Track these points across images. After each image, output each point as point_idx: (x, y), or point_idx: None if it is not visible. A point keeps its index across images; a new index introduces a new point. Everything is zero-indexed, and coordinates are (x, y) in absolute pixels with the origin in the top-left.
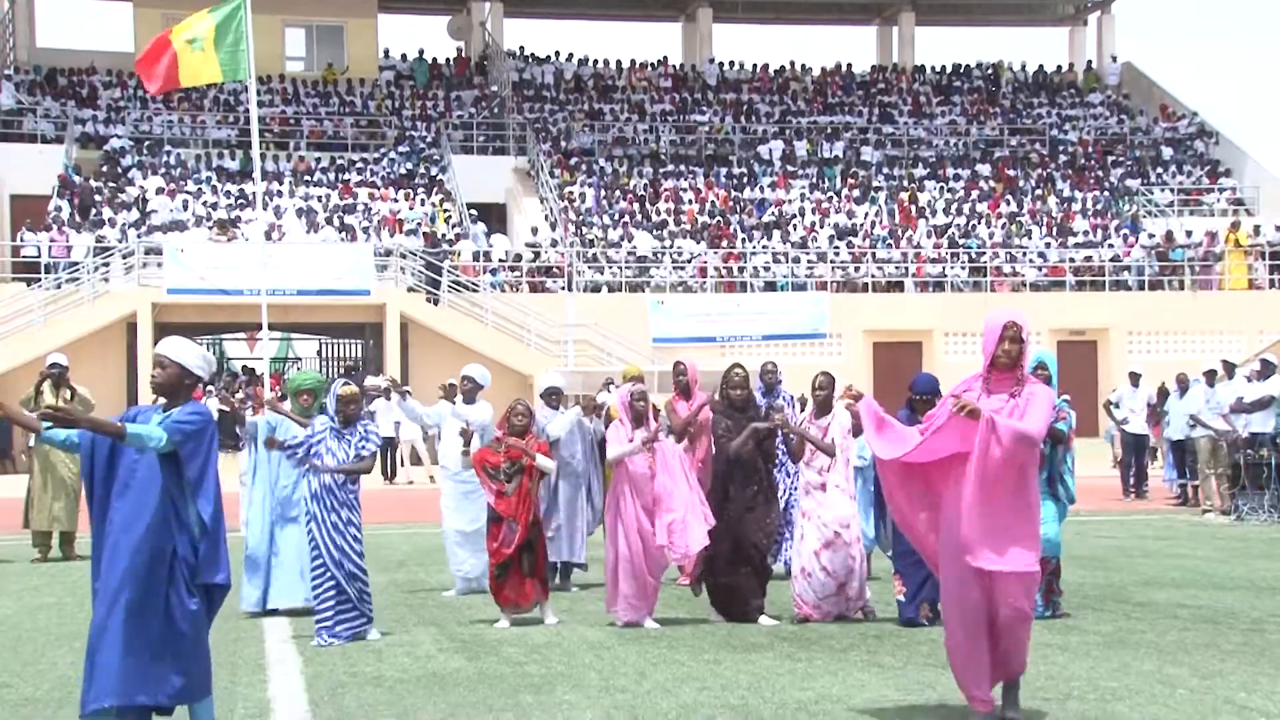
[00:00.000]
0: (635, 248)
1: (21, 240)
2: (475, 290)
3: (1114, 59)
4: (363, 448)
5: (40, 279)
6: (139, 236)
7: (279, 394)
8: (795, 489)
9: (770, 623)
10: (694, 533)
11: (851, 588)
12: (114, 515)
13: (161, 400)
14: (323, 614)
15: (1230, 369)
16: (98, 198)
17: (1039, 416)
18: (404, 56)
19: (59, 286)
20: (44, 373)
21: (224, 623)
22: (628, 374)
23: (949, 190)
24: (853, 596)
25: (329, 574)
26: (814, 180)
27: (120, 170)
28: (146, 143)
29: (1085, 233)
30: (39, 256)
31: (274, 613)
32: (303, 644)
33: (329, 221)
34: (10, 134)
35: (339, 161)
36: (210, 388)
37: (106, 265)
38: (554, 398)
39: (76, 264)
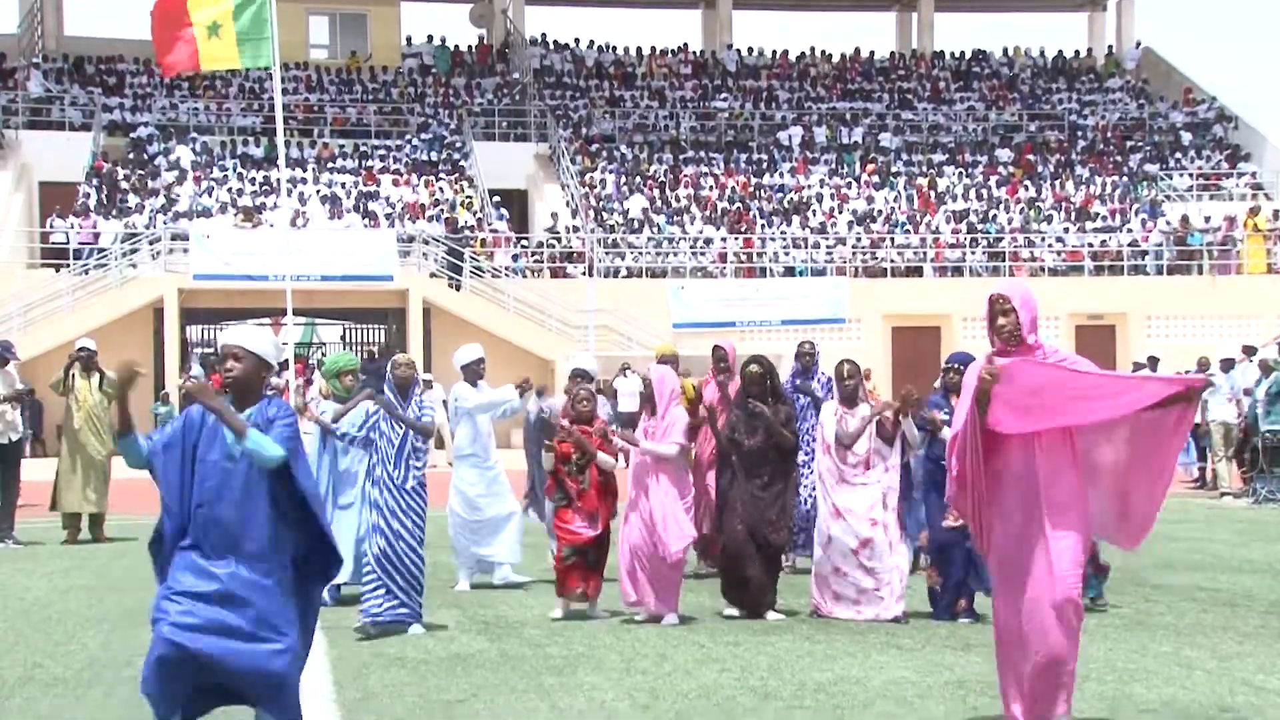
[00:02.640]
0: (652, 221)
1: (51, 226)
2: (497, 275)
3: (1138, 45)
4: (421, 415)
5: (69, 264)
6: (165, 223)
7: (303, 400)
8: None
9: (777, 617)
10: (672, 534)
11: (882, 590)
12: (210, 532)
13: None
14: (368, 596)
15: (1250, 353)
16: (124, 185)
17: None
18: (430, 38)
19: (87, 272)
20: (73, 356)
21: None
22: (660, 352)
23: (968, 176)
24: (885, 599)
25: (369, 559)
26: (833, 166)
27: (147, 157)
28: (172, 130)
29: (1104, 218)
30: (68, 242)
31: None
32: (328, 626)
33: (353, 208)
34: (39, 122)
35: (362, 148)
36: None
37: (134, 251)
38: (582, 381)
39: (104, 250)
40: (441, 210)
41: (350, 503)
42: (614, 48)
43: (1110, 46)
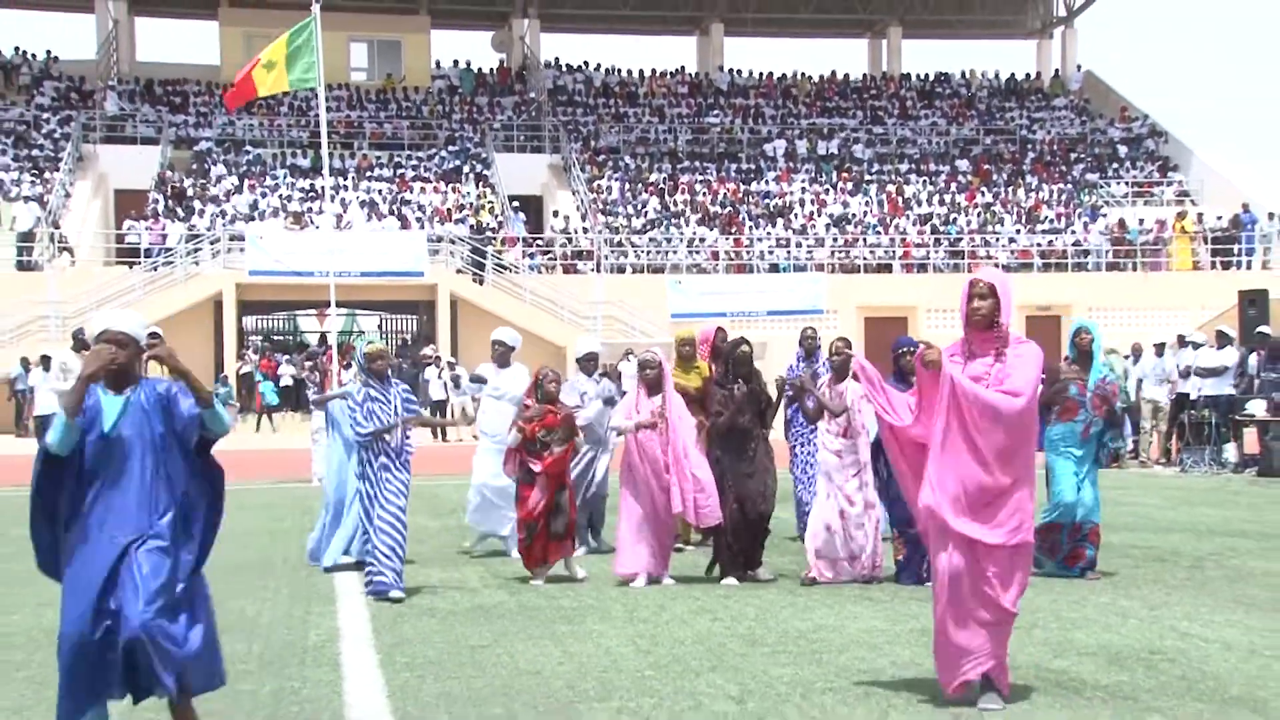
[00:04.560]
0: (652, 224)
1: (126, 229)
2: (516, 271)
3: (1080, 69)
4: (408, 406)
5: (140, 262)
6: (224, 225)
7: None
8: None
9: (768, 576)
10: (714, 501)
11: (863, 559)
12: (100, 513)
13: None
14: (377, 568)
15: (1182, 341)
16: (189, 192)
17: (1020, 380)
18: (456, 62)
19: (155, 269)
20: (145, 342)
21: (300, 562)
22: (680, 337)
23: (931, 183)
24: (865, 566)
25: (365, 532)
26: (813, 174)
27: (208, 167)
28: (230, 144)
29: (1051, 221)
30: (139, 243)
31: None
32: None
33: (389, 212)
34: (115, 137)
35: (396, 159)
36: (288, 357)
37: (196, 250)
38: (590, 363)
39: (171, 249)
40: (466, 214)
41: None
42: (619, 70)
43: (1056, 70)
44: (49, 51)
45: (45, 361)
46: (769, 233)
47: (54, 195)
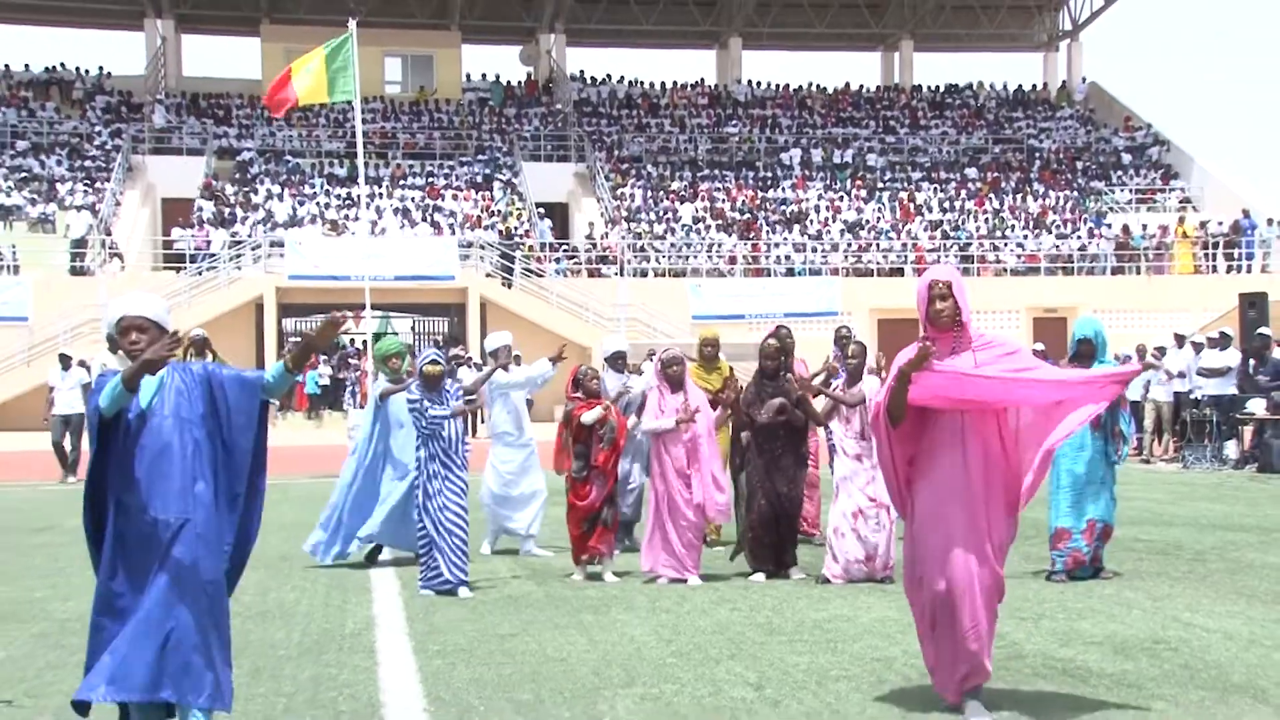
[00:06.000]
0: (674, 229)
1: (173, 236)
2: (543, 275)
3: (1085, 80)
4: (459, 395)
5: (185, 267)
6: (265, 232)
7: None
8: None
9: (800, 575)
10: (725, 500)
11: (877, 560)
12: (145, 493)
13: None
14: (424, 566)
15: (1181, 341)
16: (231, 200)
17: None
18: (485, 76)
19: (200, 274)
20: (189, 342)
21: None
22: (704, 336)
23: (942, 190)
24: (878, 566)
25: (424, 532)
26: (828, 182)
27: (250, 177)
28: (271, 154)
29: (1057, 226)
30: (185, 249)
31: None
32: (401, 570)
33: (421, 219)
34: (162, 148)
35: (429, 168)
36: (324, 356)
37: (239, 256)
38: (619, 361)
39: (215, 255)
40: (495, 220)
41: (403, 476)
42: (641, 82)
43: (1063, 81)
44: (101, 67)
45: (65, 361)
46: (785, 238)
47: (105, 204)
